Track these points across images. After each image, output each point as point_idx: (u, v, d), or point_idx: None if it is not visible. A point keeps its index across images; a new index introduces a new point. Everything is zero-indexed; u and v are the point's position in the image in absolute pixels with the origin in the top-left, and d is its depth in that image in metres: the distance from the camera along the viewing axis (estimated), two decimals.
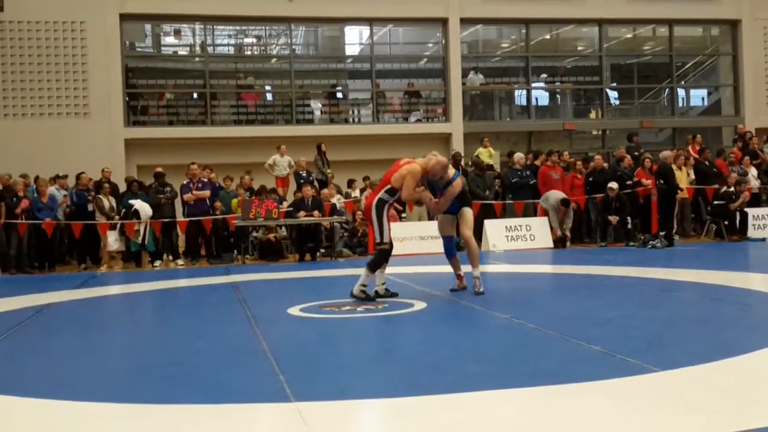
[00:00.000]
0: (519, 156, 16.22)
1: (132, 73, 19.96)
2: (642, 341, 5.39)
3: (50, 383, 4.88)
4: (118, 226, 13.95)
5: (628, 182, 15.16)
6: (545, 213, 14.90)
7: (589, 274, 10.00)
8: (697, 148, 16.92)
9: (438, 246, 7.82)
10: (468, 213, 8.01)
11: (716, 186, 15.63)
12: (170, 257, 14.42)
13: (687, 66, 23.49)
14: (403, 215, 15.92)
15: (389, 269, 8.14)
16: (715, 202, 15.40)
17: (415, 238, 14.51)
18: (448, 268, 8.43)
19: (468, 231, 7.89)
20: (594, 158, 16.16)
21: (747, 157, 16.72)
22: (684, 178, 15.62)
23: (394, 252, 8.29)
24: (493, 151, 18.15)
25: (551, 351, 5.24)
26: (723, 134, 23.05)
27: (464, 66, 21.37)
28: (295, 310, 7.41)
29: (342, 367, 4.97)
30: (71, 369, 5.21)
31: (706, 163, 16.32)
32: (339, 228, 15.04)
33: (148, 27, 21.18)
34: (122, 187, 15.19)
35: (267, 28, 21.70)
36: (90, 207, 14.13)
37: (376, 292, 7.82)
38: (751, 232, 15.11)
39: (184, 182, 14.68)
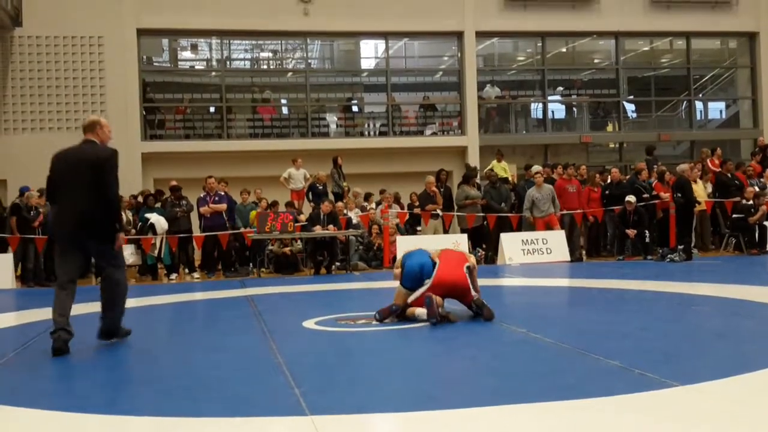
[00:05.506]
0: (537, 168, 16.16)
1: (149, 87, 20.13)
2: (660, 355, 5.33)
3: (67, 395, 4.89)
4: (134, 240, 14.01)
5: (645, 195, 15.07)
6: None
7: (606, 288, 9.93)
8: (717, 161, 16.80)
9: None
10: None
11: (735, 199, 15.48)
12: (186, 270, 14.47)
13: (705, 78, 23.37)
14: (419, 228, 15.88)
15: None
16: (734, 216, 15.26)
17: None
18: None
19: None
20: (611, 171, 16.10)
21: (766, 171, 16.58)
22: (701, 191, 15.50)
23: None
24: (507, 165, 18.10)
25: (569, 365, 5.18)
26: (741, 147, 22.90)
27: (480, 79, 21.38)
28: (310, 324, 7.39)
29: (358, 380, 4.94)
30: (88, 381, 5.21)
31: (728, 175, 16.17)
32: (354, 241, 15.04)
33: (165, 42, 21.34)
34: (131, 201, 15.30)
35: (283, 42, 21.81)
36: None
37: None
38: None
39: (201, 195, 14.74)
